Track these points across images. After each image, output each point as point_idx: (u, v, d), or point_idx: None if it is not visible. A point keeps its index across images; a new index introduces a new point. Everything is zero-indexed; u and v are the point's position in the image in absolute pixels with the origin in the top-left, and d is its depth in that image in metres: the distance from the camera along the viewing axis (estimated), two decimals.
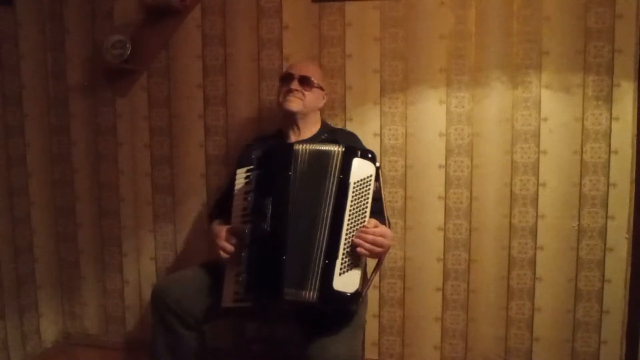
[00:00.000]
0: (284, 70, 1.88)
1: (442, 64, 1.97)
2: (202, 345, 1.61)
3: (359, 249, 1.35)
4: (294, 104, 1.73)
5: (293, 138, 1.78)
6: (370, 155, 1.43)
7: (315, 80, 1.76)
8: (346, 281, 1.34)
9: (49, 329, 2.32)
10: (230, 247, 1.50)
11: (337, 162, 1.40)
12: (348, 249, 1.36)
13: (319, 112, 1.85)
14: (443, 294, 2.05)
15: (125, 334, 2.34)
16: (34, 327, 2.23)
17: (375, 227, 1.40)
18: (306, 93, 1.74)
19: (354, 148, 1.44)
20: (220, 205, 1.79)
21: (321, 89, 1.80)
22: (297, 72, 1.76)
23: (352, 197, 1.37)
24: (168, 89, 2.20)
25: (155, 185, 2.25)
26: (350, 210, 1.37)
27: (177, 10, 2.11)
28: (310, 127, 1.80)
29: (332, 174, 1.39)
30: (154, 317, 1.59)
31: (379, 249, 1.38)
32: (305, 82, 1.75)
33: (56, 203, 2.34)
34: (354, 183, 1.38)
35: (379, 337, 2.11)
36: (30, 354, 2.20)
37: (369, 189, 1.39)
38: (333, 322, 1.42)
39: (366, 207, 1.39)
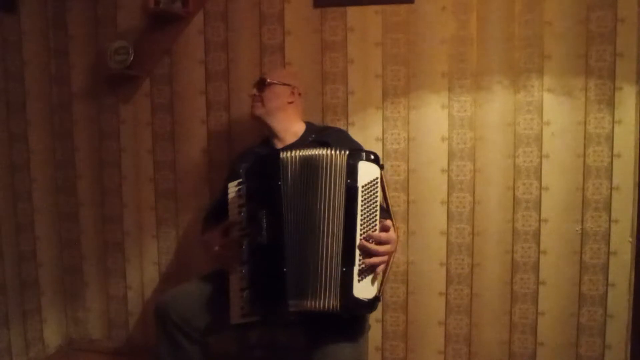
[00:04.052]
0: None
1: (444, 68, 1.98)
2: (206, 356, 1.60)
3: (365, 260, 1.33)
4: (255, 109, 1.76)
5: (279, 144, 1.75)
6: (373, 157, 1.39)
7: (269, 79, 1.75)
8: (365, 287, 1.33)
9: (53, 335, 2.32)
10: (226, 254, 1.49)
11: (341, 167, 1.36)
12: (363, 255, 1.34)
13: (294, 110, 1.79)
14: (446, 299, 2.05)
15: (129, 339, 2.34)
16: (37, 333, 2.24)
17: (384, 229, 1.36)
18: (263, 95, 1.75)
19: (358, 151, 1.41)
20: (212, 217, 1.76)
21: (284, 84, 1.76)
22: (257, 78, 1.80)
23: (362, 201, 1.34)
24: (171, 94, 2.21)
25: (158, 190, 2.26)
26: (361, 215, 1.34)
27: (180, 16, 2.12)
28: (291, 129, 1.76)
29: (336, 179, 1.36)
30: (158, 331, 1.57)
31: (381, 259, 1.35)
32: (260, 84, 1.76)
33: (59, 209, 2.35)
34: (362, 187, 1.35)
35: (383, 342, 2.11)
36: None
37: (377, 192, 1.37)
38: (337, 327, 1.42)
39: (375, 210, 1.37)
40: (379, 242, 1.35)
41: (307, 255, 1.36)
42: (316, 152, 1.40)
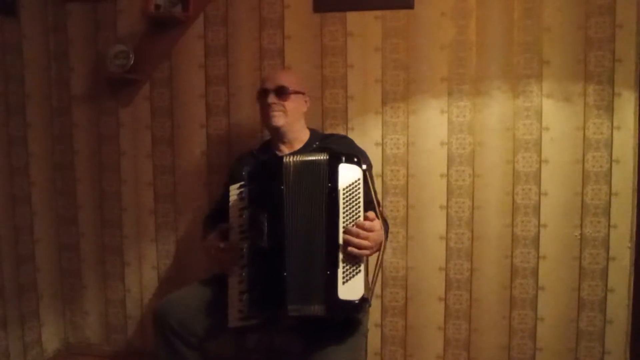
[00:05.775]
0: (260, 85, 1.78)
1: (443, 73, 1.98)
2: None
3: (349, 248, 1.33)
4: (278, 118, 1.68)
5: (285, 150, 1.74)
6: (355, 160, 1.40)
7: (291, 87, 1.69)
8: (351, 289, 1.33)
9: (51, 339, 2.32)
10: (225, 257, 1.49)
11: (324, 171, 1.39)
12: (347, 256, 1.34)
13: (304, 118, 1.80)
14: (445, 304, 2.04)
15: (127, 343, 2.33)
16: (35, 337, 2.23)
17: (371, 219, 1.37)
18: (285, 103, 1.68)
19: (338, 154, 1.42)
20: (213, 219, 1.76)
21: (301, 93, 1.74)
22: (271, 84, 1.70)
23: (343, 203, 1.36)
24: (170, 98, 2.21)
25: (157, 194, 2.25)
26: (343, 217, 1.36)
27: (180, 20, 2.12)
28: (299, 137, 1.76)
29: (322, 183, 1.38)
30: (156, 337, 1.57)
31: (367, 243, 1.35)
32: (281, 92, 1.68)
33: (58, 212, 2.35)
34: (343, 189, 1.37)
35: (382, 347, 2.10)
36: None
37: (359, 193, 1.38)
38: (336, 331, 1.42)
39: (359, 211, 1.38)
40: (359, 236, 1.34)
41: (304, 260, 1.37)
42: (311, 158, 1.43)
